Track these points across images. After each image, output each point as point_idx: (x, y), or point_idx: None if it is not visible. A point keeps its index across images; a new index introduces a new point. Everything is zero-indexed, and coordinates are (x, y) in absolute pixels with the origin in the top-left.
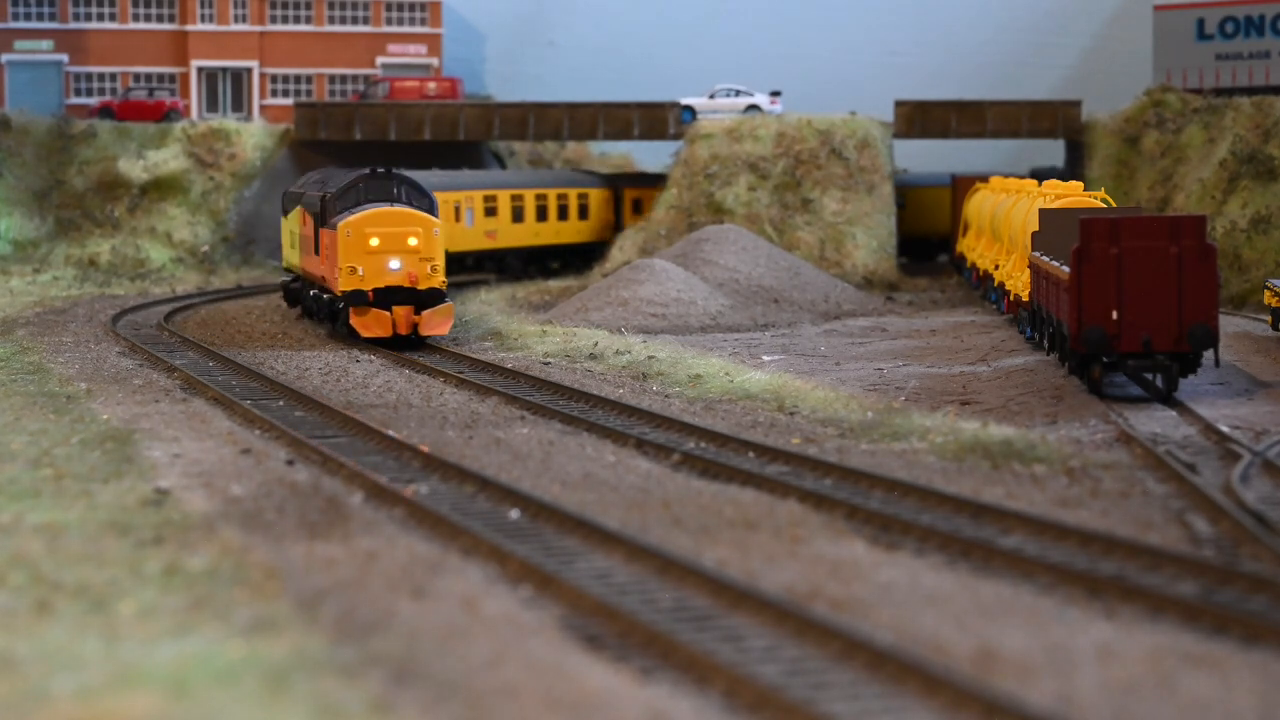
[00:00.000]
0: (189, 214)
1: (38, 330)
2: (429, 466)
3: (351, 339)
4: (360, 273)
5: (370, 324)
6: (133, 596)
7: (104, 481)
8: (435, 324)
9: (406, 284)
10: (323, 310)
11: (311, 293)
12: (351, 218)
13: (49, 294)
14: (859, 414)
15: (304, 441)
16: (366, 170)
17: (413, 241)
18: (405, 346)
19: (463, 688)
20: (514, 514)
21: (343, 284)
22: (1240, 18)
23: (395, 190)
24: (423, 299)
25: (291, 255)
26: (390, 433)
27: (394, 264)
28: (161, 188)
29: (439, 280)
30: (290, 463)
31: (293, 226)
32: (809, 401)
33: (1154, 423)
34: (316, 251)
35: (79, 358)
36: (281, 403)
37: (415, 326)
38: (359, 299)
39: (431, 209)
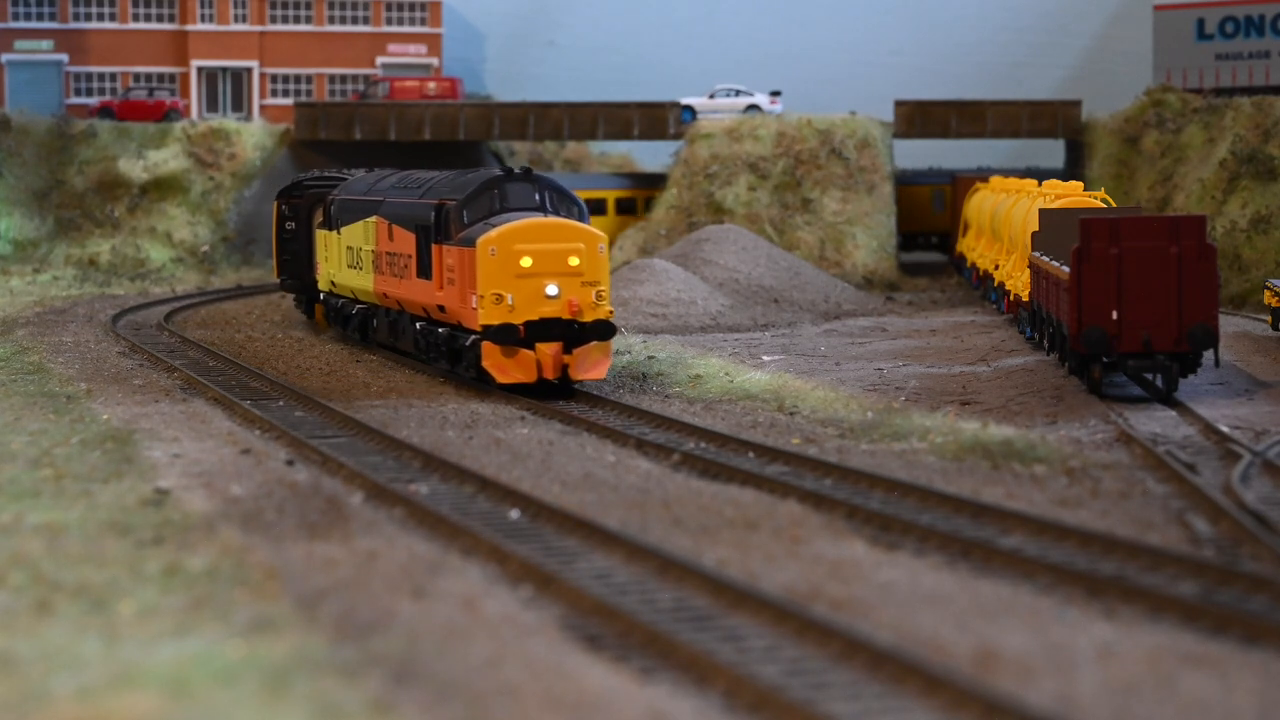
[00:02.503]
0: (189, 214)
1: (38, 330)
2: (429, 466)
3: (470, 381)
4: (509, 302)
5: (511, 367)
6: (133, 596)
7: (104, 481)
8: (590, 365)
9: (567, 315)
10: (435, 348)
11: (418, 325)
12: (493, 232)
13: (49, 294)
14: (859, 414)
15: (304, 442)
16: (497, 171)
17: (574, 261)
18: (550, 394)
19: (463, 688)
20: (514, 514)
21: (484, 316)
22: (1240, 18)
23: (539, 196)
24: (585, 334)
25: (350, 276)
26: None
27: (551, 289)
28: (161, 187)
29: (605, 310)
30: (290, 463)
31: (355, 241)
32: (809, 401)
33: (1154, 423)
34: (425, 274)
35: (79, 358)
36: (281, 403)
37: (565, 369)
38: (507, 335)
39: (584, 218)
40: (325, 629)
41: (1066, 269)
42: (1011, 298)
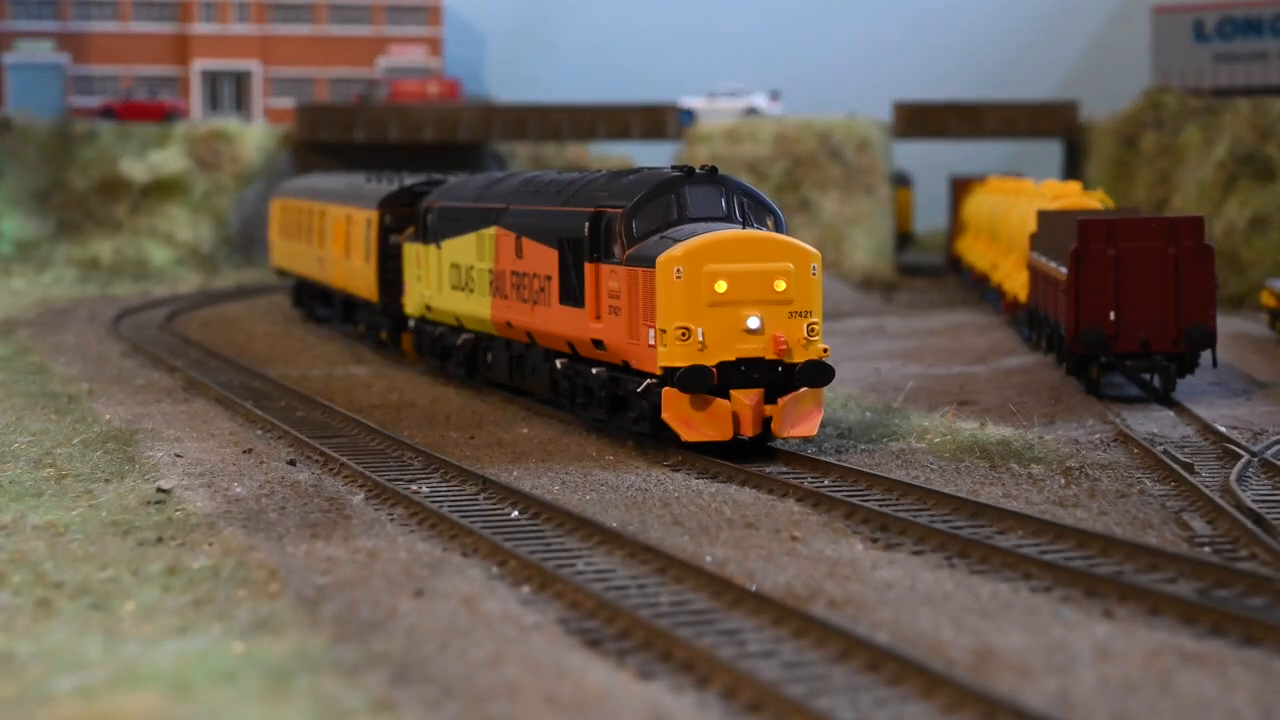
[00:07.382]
0: (190, 215)
1: (39, 330)
2: (430, 466)
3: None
4: (700, 338)
5: (701, 422)
6: (134, 596)
7: (106, 481)
8: (798, 418)
9: (771, 355)
10: (585, 392)
11: (559, 363)
12: (678, 248)
13: (51, 294)
14: (858, 414)
15: (306, 441)
16: (671, 170)
17: (780, 285)
18: (741, 453)
19: (463, 687)
20: (514, 513)
21: (666, 356)
22: (1238, 19)
23: (726, 201)
24: (793, 379)
25: (455, 300)
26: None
27: (752, 322)
28: (163, 188)
29: (818, 348)
30: (292, 463)
31: (463, 257)
32: None
33: (1151, 423)
34: (572, 300)
35: (81, 358)
36: (284, 403)
37: (766, 423)
38: (698, 380)
39: (782, 228)
40: (326, 628)
41: (1064, 270)
42: (1009, 298)
